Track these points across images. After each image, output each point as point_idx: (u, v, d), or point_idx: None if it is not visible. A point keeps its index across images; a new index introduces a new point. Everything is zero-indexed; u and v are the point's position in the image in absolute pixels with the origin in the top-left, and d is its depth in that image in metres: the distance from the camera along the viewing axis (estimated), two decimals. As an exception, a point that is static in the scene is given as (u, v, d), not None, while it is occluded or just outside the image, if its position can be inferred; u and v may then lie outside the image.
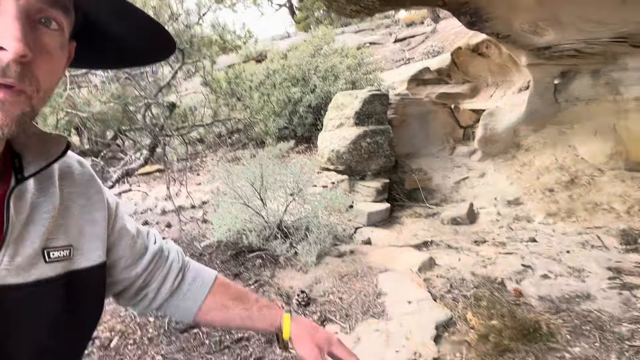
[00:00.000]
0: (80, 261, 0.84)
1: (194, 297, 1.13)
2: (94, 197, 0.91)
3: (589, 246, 3.67)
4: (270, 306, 1.16)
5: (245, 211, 3.96)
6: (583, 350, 2.17)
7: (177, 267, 1.12)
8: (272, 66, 9.89)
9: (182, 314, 1.13)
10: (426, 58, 12.12)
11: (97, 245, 0.89)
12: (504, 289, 2.98)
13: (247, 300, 1.16)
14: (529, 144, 5.88)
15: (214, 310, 1.13)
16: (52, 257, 0.77)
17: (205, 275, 1.16)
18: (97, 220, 0.90)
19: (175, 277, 1.11)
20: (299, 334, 1.12)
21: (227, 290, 1.16)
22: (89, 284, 0.87)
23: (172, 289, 1.11)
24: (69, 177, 0.87)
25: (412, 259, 3.42)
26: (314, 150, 8.31)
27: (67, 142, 0.79)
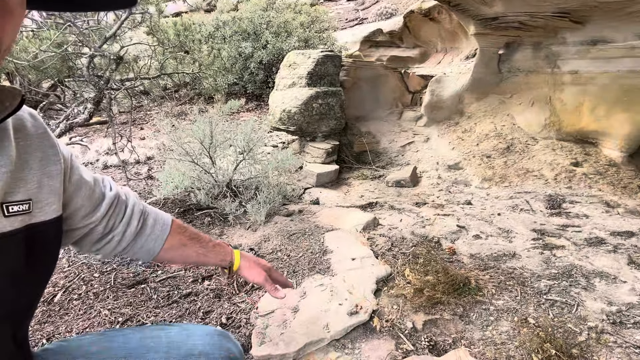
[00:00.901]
0: (39, 215, 0.86)
1: (156, 239, 1.23)
2: (48, 150, 0.91)
3: (518, 209, 3.98)
4: (222, 244, 1.37)
5: (194, 169, 3.93)
6: (505, 302, 2.42)
7: (138, 210, 1.21)
8: (222, 17, 9.52)
9: (145, 253, 1.23)
10: (379, 19, 12.07)
11: (54, 199, 0.90)
12: (439, 247, 3.21)
13: (202, 240, 1.33)
14: (471, 112, 6.14)
15: (174, 249, 1.26)
16: (10, 211, 0.78)
17: (165, 218, 1.28)
18: (53, 174, 0.91)
19: (138, 220, 1.19)
20: (247, 264, 1.35)
21: (184, 231, 1.30)
22: (47, 237, 0.89)
23: (136, 232, 1.20)
24: (22, 130, 0.86)
25: (358, 218, 3.57)
26: (264, 108, 8.23)
27: (21, 96, 0.79)
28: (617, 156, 4.91)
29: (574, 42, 5.10)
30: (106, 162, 5.73)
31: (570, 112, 5.30)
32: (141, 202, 1.27)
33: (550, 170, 4.76)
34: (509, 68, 5.88)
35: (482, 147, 5.46)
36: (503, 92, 5.99)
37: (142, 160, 5.87)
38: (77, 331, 2.29)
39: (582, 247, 3.09)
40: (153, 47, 3.81)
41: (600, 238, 3.23)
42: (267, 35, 8.65)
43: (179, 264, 1.36)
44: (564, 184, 4.53)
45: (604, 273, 2.70)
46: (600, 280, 2.62)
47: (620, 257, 2.90)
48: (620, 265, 2.79)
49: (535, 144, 5.33)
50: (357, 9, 14.58)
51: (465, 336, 2.19)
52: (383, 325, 2.23)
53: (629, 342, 2.02)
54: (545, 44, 5.43)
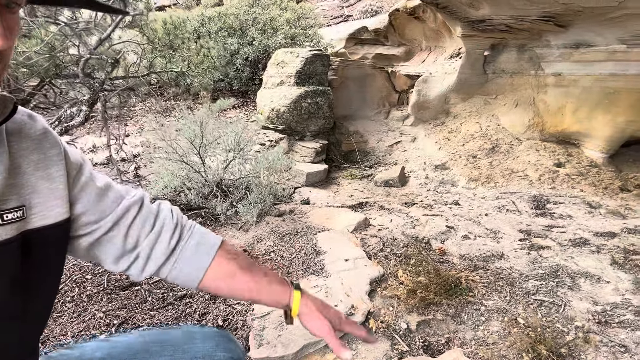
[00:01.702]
0: (35, 220, 0.83)
1: (198, 263, 1.06)
2: (49, 151, 0.88)
3: (504, 210, 4.08)
4: (280, 282, 1.11)
5: (182, 168, 3.90)
6: (496, 303, 2.49)
7: (170, 225, 1.06)
8: (208, 12, 9.43)
9: (185, 279, 1.06)
10: (365, 17, 12.11)
11: (56, 202, 0.87)
12: (429, 247, 3.27)
13: (256, 273, 1.10)
14: (457, 112, 6.24)
15: (220, 278, 1.08)
16: (5, 219, 0.76)
17: (210, 240, 1.10)
18: (54, 176, 0.87)
19: (171, 236, 1.05)
20: (308, 311, 1.07)
21: (235, 258, 1.10)
22: (46, 242, 0.86)
23: (169, 250, 1.04)
24: (17, 133, 0.84)
25: (349, 219, 3.61)
26: (250, 105, 8.19)
27: (13, 104, 0.78)
28: (598, 157, 5.06)
29: (557, 45, 5.23)
30: (92, 159, 5.64)
31: (553, 114, 5.44)
32: (181, 218, 1.11)
33: (535, 171, 4.88)
34: (494, 69, 5.99)
35: (468, 148, 5.55)
36: (488, 93, 6.10)
37: (129, 157, 5.79)
38: (71, 334, 2.27)
39: (567, 248, 3.19)
40: (142, 46, 3.77)
41: (584, 239, 3.33)
42: (253, 32, 8.60)
43: (229, 297, 1.18)
44: (547, 184, 4.65)
45: (588, 273, 2.80)
46: (585, 281, 2.71)
47: (603, 257, 3.00)
48: (603, 265, 2.89)
49: (519, 145, 5.45)
50: (342, 6, 14.60)
51: (457, 336, 2.25)
52: (378, 327, 2.28)
53: (614, 342, 2.11)
54: (530, 47, 5.55)
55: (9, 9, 0.62)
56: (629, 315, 2.33)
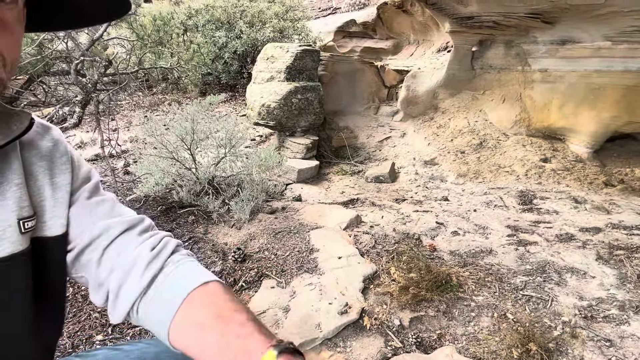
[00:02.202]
0: (43, 228, 0.83)
1: (169, 305, 0.84)
2: (58, 159, 0.88)
3: (492, 205, 4.15)
4: (253, 334, 0.77)
5: (173, 164, 3.89)
6: (485, 298, 2.56)
7: (147, 255, 0.87)
8: (195, 5, 9.33)
9: (157, 328, 0.85)
10: (353, 9, 12.06)
11: (59, 213, 0.86)
12: (420, 244, 3.32)
13: (231, 320, 0.80)
14: (446, 107, 6.30)
15: (187, 328, 0.82)
16: (27, 227, 0.77)
17: (193, 276, 0.87)
18: (60, 185, 0.87)
19: (144, 269, 0.86)
20: None
21: (212, 302, 0.84)
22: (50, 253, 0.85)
23: (142, 286, 0.85)
24: (28, 143, 0.85)
25: (341, 216, 3.65)
26: (239, 99, 8.16)
27: (30, 119, 0.79)
28: (583, 152, 5.16)
29: (544, 41, 5.30)
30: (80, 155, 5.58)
31: (539, 109, 5.52)
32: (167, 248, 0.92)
33: (521, 166, 4.96)
34: (481, 65, 6.05)
35: (456, 143, 5.62)
36: (476, 88, 6.17)
37: (117, 153, 5.74)
38: (68, 335, 2.28)
39: (553, 243, 3.27)
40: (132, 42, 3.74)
41: (570, 234, 3.42)
42: (241, 25, 8.54)
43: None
44: (534, 179, 4.73)
45: (574, 269, 2.88)
46: (571, 276, 2.79)
47: (589, 252, 3.08)
48: (589, 260, 2.97)
49: (506, 140, 5.53)
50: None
51: (449, 332, 2.31)
52: (372, 324, 2.32)
53: (599, 336, 2.18)
54: (517, 43, 5.62)
55: (3, 2, 0.62)
56: (613, 310, 2.41)
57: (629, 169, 4.87)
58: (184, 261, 0.91)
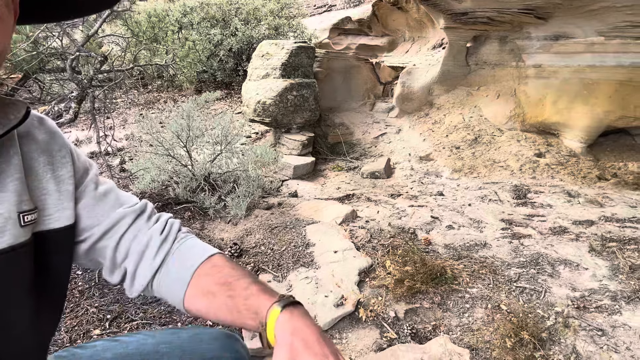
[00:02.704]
0: (47, 222, 0.84)
1: (181, 279, 0.94)
2: (57, 153, 0.89)
3: (487, 200, 4.18)
4: (259, 294, 0.87)
5: (169, 161, 3.90)
6: (479, 290, 2.59)
7: (156, 241, 0.97)
8: (189, 3, 9.32)
9: (172, 298, 0.96)
10: (348, 6, 12.07)
11: (65, 204, 0.87)
12: (415, 238, 3.35)
13: (236, 285, 0.89)
14: (441, 103, 6.32)
15: (199, 296, 0.92)
16: (26, 220, 0.78)
17: (198, 252, 0.98)
18: (63, 177, 0.88)
19: (155, 254, 0.96)
20: (281, 338, 0.78)
21: (218, 272, 0.93)
22: (56, 246, 0.87)
23: (153, 269, 0.96)
24: (27, 135, 0.85)
25: (337, 211, 3.67)
26: (234, 97, 8.16)
27: (26, 108, 0.79)
28: (577, 147, 5.20)
29: (537, 37, 5.33)
30: (75, 153, 5.58)
31: (533, 105, 5.55)
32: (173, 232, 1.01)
33: (516, 161, 5.00)
34: (476, 61, 6.08)
35: (451, 139, 5.65)
36: (471, 84, 6.19)
37: (113, 151, 5.74)
38: (65, 330, 2.29)
39: (547, 236, 3.31)
40: (127, 39, 3.75)
41: (564, 227, 3.46)
42: (236, 22, 8.54)
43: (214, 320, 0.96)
44: (528, 174, 4.77)
45: (567, 260, 2.91)
46: (564, 268, 2.83)
47: (582, 245, 3.12)
48: (582, 252, 3.01)
49: (501, 135, 5.57)
50: (325, -4, 14.52)
51: (444, 323, 2.34)
52: (368, 316, 2.35)
53: (592, 325, 2.22)
54: (511, 38, 5.64)
55: None
56: (605, 300, 2.45)
57: (622, 163, 4.91)
58: (188, 239, 1.02)
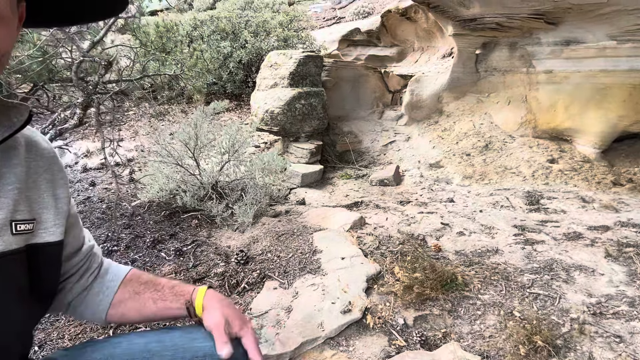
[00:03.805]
0: (43, 235, 0.86)
1: (106, 291, 1.07)
2: (57, 174, 0.93)
3: (499, 206, 4.10)
4: (182, 284, 1.10)
5: (178, 170, 3.91)
6: (491, 297, 2.51)
7: (96, 263, 1.11)
8: (200, 17, 9.45)
9: (93, 311, 1.08)
10: (357, 18, 12.16)
11: (60, 221, 0.91)
12: (425, 244, 3.28)
13: (158, 283, 1.09)
14: (450, 111, 6.27)
15: (126, 300, 1.07)
16: (18, 229, 0.79)
17: (120, 269, 1.13)
18: (60, 197, 0.92)
19: (91, 272, 1.09)
20: (211, 304, 1.03)
21: (139, 278, 1.11)
22: (49, 258, 0.89)
23: (86, 285, 1.07)
24: (34, 150, 0.88)
25: (345, 218, 3.62)
26: (244, 108, 8.21)
27: (29, 112, 0.80)
28: (590, 152, 5.10)
29: (548, 42, 5.27)
30: (86, 164, 5.64)
31: (545, 110, 5.48)
32: (101, 254, 1.17)
33: (528, 167, 4.91)
34: (485, 68, 6.03)
35: (461, 146, 5.59)
36: (480, 91, 6.14)
37: (123, 162, 5.79)
38: (69, 337, 2.27)
39: (561, 242, 3.22)
40: (135, 50, 3.78)
41: (578, 232, 3.36)
42: (245, 35, 8.63)
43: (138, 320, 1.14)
44: (541, 180, 4.68)
45: (582, 266, 2.82)
46: (579, 273, 2.73)
47: (597, 250, 3.03)
48: (597, 258, 2.91)
49: (512, 142, 5.49)
50: (334, 8, 14.64)
51: (454, 330, 2.27)
52: (376, 322, 2.29)
53: (609, 332, 2.13)
54: (521, 44, 5.59)
55: None
56: (623, 306, 2.35)
57: (638, 168, 4.79)
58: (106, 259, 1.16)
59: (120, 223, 3.71)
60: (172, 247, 3.23)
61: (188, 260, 3.04)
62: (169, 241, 3.37)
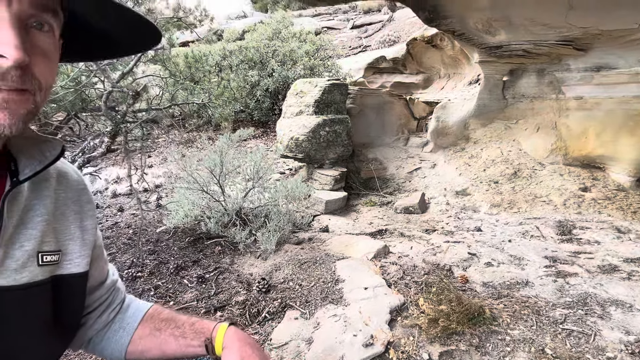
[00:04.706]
0: (68, 267, 0.86)
1: (126, 327, 1.05)
2: (85, 205, 0.93)
3: (528, 236, 3.97)
4: (203, 320, 1.05)
5: (203, 197, 3.96)
6: (521, 332, 2.40)
7: (118, 299, 1.09)
8: (229, 47, 9.72)
9: (113, 348, 1.04)
10: (382, 46, 12.27)
11: (86, 252, 0.91)
12: (451, 275, 3.19)
13: (179, 319, 1.05)
14: (477, 137, 6.19)
15: (146, 337, 1.04)
16: (44, 260, 0.79)
17: (141, 305, 1.11)
18: (88, 228, 0.92)
19: (113, 308, 1.07)
20: (231, 343, 0.97)
21: (160, 314, 1.08)
22: (74, 289, 0.89)
23: (107, 321, 1.05)
24: (64, 182, 0.89)
25: (368, 246, 3.57)
26: (270, 135, 8.31)
27: (62, 146, 0.82)
28: (625, 181, 4.91)
29: (577, 68, 5.18)
30: (115, 190, 5.78)
31: (576, 138, 5.33)
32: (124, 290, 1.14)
33: (559, 196, 4.76)
34: (513, 94, 5.95)
35: (489, 173, 5.48)
36: (508, 118, 6.05)
37: (151, 188, 5.91)
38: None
39: (595, 275, 3.07)
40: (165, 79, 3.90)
41: (614, 265, 3.21)
42: (273, 64, 8.82)
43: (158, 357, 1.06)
44: (573, 209, 4.52)
45: (619, 301, 2.67)
46: (616, 309, 2.59)
47: (635, 284, 2.87)
48: (635, 293, 2.76)
49: (542, 169, 5.35)
50: (360, 37, 14.84)
51: (482, 368, 2.17)
52: (399, 357, 2.21)
53: (650, 374, 1.99)
54: (549, 71, 5.51)
55: (40, 30, 0.65)
56: (665, 346, 2.21)
57: (677, 197, 4.58)
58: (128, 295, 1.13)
59: (146, 249, 3.74)
60: (195, 273, 3.23)
61: (210, 288, 3.03)
62: (192, 267, 3.38)
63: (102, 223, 4.61)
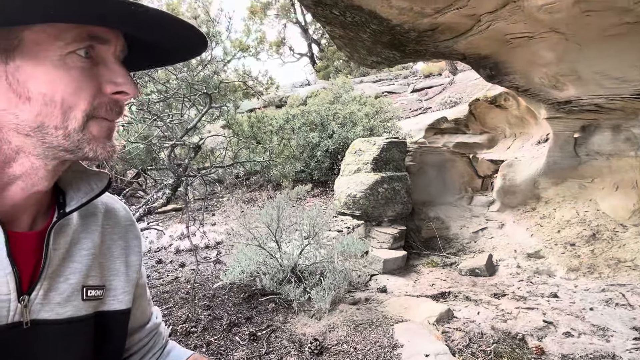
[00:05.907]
0: (111, 303, 0.84)
1: None
2: (132, 241, 0.92)
3: (613, 304, 3.53)
4: None
5: (260, 253, 3.94)
6: (613, 416, 2.05)
7: (160, 344, 1.06)
8: (292, 111, 10.14)
9: None
10: (443, 108, 12.26)
11: (130, 289, 0.89)
12: (525, 345, 2.86)
13: None
14: (549, 197, 5.80)
15: None
16: (89, 295, 0.78)
17: (181, 352, 1.07)
18: (132, 264, 0.91)
19: (154, 353, 1.03)
20: None
21: None
22: (116, 326, 0.86)
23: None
24: (113, 217, 0.89)
25: (430, 310, 3.32)
26: (329, 194, 8.34)
27: (109, 179, 0.82)
28: None
29: (657, 123, 4.80)
30: (179, 246, 5.93)
31: (662, 197, 4.85)
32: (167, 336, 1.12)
33: (647, 261, 4.26)
34: (587, 151, 5.59)
35: (564, 234, 5.06)
36: (582, 176, 5.64)
37: (212, 244, 6.02)
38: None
39: (701, 352, 2.62)
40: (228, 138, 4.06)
41: None
42: (333, 126, 9.02)
43: None
44: (665, 276, 4.01)
45: None
46: None
47: None
48: None
49: (624, 231, 4.86)
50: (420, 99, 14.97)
51: None
52: None
53: None
54: (626, 126, 5.15)
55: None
56: None
57: None
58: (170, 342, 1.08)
59: (201, 304, 3.73)
60: (247, 330, 3.14)
61: (261, 347, 2.91)
62: (244, 324, 3.29)
63: (163, 278, 4.69)
